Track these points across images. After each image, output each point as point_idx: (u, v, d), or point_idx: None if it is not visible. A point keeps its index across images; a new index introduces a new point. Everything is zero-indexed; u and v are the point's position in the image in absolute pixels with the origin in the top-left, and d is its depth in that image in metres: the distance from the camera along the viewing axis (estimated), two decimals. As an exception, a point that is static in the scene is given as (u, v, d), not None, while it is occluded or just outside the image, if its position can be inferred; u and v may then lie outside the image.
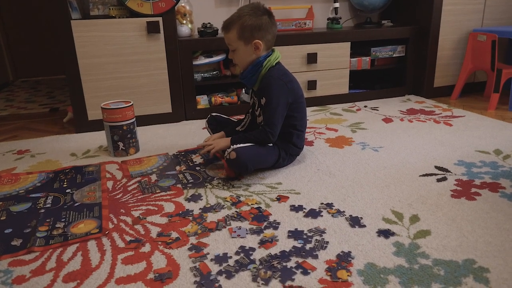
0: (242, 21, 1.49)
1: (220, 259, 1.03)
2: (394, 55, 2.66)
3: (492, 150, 1.71)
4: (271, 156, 1.54)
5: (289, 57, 2.39)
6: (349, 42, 2.49)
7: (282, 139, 1.58)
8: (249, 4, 1.57)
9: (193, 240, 1.12)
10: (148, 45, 2.11)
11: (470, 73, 2.59)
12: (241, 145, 1.48)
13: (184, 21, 2.38)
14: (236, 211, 1.27)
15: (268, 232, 1.14)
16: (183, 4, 2.36)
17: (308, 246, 1.07)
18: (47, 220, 1.24)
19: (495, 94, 2.34)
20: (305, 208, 1.27)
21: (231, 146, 1.46)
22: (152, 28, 2.07)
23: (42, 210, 1.31)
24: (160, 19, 2.09)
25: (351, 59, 2.54)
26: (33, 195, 1.42)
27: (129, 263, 1.03)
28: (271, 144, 1.55)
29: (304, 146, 1.81)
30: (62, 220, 1.24)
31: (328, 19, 2.71)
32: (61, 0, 1.93)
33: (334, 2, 2.64)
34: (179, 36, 2.26)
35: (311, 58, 2.43)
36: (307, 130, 2.03)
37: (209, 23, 2.33)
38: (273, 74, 1.53)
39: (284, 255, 1.03)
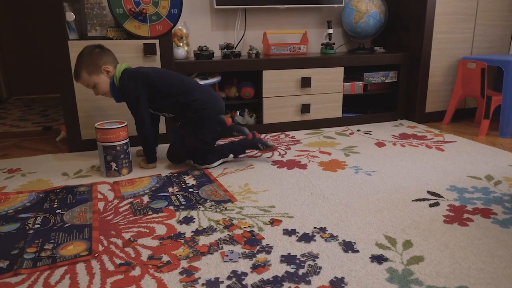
0: (84, 62, 1.78)
1: (212, 284, 1.01)
2: (387, 81, 2.71)
3: (484, 176, 1.72)
4: (186, 132, 1.82)
5: (283, 80, 2.42)
6: (343, 67, 2.54)
7: (182, 110, 1.83)
8: (82, 50, 1.82)
9: (184, 264, 1.10)
10: (145, 66, 2.13)
11: (461, 99, 2.65)
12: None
13: (181, 44, 2.41)
14: (228, 235, 1.25)
15: (261, 257, 1.13)
16: (180, 27, 2.40)
17: (301, 271, 1.06)
18: (35, 241, 1.22)
19: (486, 120, 2.39)
20: (298, 232, 1.26)
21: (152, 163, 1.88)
22: (148, 50, 2.10)
23: (31, 231, 1.28)
24: (157, 41, 2.12)
25: (344, 83, 2.59)
26: (22, 215, 1.40)
27: (118, 287, 1.00)
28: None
29: (298, 169, 1.82)
30: (51, 241, 1.22)
31: (322, 44, 2.77)
32: (59, 20, 1.96)
33: (328, 28, 2.71)
34: (175, 58, 2.29)
35: (305, 82, 2.46)
36: (300, 153, 2.06)
37: (205, 46, 2.37)
38: (122, 83, 1.80)
39: (277, 280, 1.02)
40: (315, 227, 1.29)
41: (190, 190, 1.62)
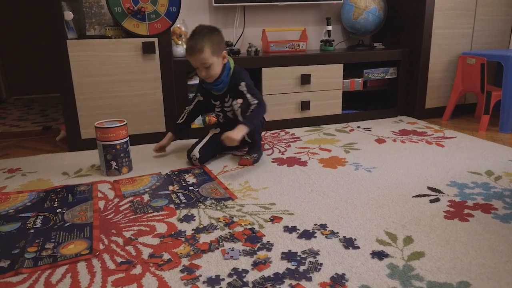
0: (211, 40, 1.76)
1: (213, 281, 1.01)
2: (386, 77, 2.70)
3: (484, 171, 1.72)
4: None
5: (283, 78, 2.42)
6: (342, 64, 2.53)
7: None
8: (202, 26, 1.81)
9: (185, 261, 1.10)
10: (143, 65, 2.13)
11: (461, 95, 2.64)
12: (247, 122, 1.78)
13: (180, 42, 2.41)
14: (229, 232, 1.25)
15: (262, 254, 1.13)
16: (178, 25, 2.39)
17: (301, 268, 1.06)
18: (36, 241, 1.22)
19: (486, 115, 2.38)
20: (298, 229, 1.26)
21: (246, 128, 1.73)
22: (147, 49, 2.10)
23: (32, 230, 1.28)
24: (155, 39, 2.11)
25: (344, 80, 2.58)
26: (23, 215, 1.40)
27: (119, 286, 1.00)
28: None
29: (298, 166, 1.83)
30: (52, 240, 1.22)
31: (321, 41, 2.76)
32: (58, 19, 1.95)
33: (327, 25, 2.70)
34: (174, 56, 2.29)
35: (305, 79, 2.46)
36: (300, 150, 2.08)
37: (204, 44, 2.36)
38: (240, 71, 1.90)
39: (278, 277, 1.02)
40: (315, 224, 1.29)
41: (191, 188, 1.62)
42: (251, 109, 1.82)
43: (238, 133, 1.69)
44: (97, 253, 1.15)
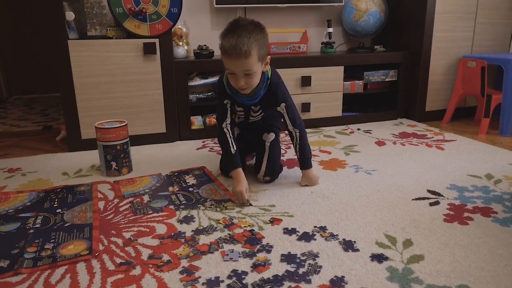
0: (259, 41, 1.35)
1: (212, 283, 1.01)
2: (387, 79, 2.70)
3: (484, 175, 1.72)
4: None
5: (283, 79, 2.40)
6: (343, 66, 2.53)
7: (278, 123, 1.76)
8: (246, 21, 1.39)
9: (184, 263, 1.10)
10: (144, 65, 2.13)
11: (461, 98, 2.64)
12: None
13: (181, 43, 2.41)
14: (228, 234, 1.25)
15: (261, 256, 1.13)
16: (179, 26, 2.40)
17: (301, 270, 1.06)
18: (36, 241, 1.22)
19: (486, 119, 2.39)
20: (298, 231, 1.26)
21: (309, 168, 1.62)
22: (148, 49, 2.10)
23: (31, 230, 1.28)
24: (156, 40, 2.12)
25: (345, 82, 2.58)
26: (23, 215, 1.40)
27: (118, 286, 1.01)
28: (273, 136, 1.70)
29: (298, 168, 1.82)
30: (52, 241, 1.22)
31: (322, 43, 2.77)
32: (59, 20, 1.96)
33: (328, 27, 2.70)
34: (175, 57, 2.29)
35: (305, 81, 2.46)
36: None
37: (205, 45, 2.37)
38: (277, 83, 1.56)
39: (277, 280, 1.02)
40: (315, 226, 1.29)
41: (190, 189, 1.62)
42: (297, 147, 1.60)
43: (315, 177, 1.63)
44: (96, 254, 1.15)
